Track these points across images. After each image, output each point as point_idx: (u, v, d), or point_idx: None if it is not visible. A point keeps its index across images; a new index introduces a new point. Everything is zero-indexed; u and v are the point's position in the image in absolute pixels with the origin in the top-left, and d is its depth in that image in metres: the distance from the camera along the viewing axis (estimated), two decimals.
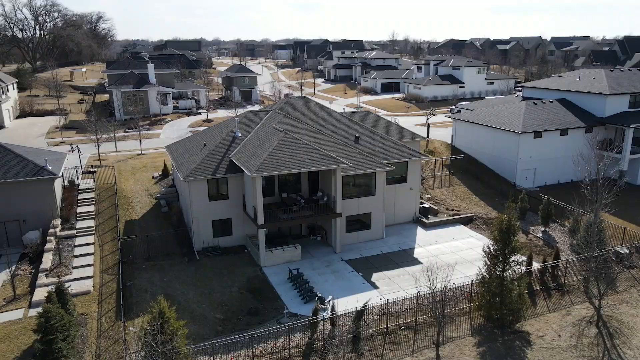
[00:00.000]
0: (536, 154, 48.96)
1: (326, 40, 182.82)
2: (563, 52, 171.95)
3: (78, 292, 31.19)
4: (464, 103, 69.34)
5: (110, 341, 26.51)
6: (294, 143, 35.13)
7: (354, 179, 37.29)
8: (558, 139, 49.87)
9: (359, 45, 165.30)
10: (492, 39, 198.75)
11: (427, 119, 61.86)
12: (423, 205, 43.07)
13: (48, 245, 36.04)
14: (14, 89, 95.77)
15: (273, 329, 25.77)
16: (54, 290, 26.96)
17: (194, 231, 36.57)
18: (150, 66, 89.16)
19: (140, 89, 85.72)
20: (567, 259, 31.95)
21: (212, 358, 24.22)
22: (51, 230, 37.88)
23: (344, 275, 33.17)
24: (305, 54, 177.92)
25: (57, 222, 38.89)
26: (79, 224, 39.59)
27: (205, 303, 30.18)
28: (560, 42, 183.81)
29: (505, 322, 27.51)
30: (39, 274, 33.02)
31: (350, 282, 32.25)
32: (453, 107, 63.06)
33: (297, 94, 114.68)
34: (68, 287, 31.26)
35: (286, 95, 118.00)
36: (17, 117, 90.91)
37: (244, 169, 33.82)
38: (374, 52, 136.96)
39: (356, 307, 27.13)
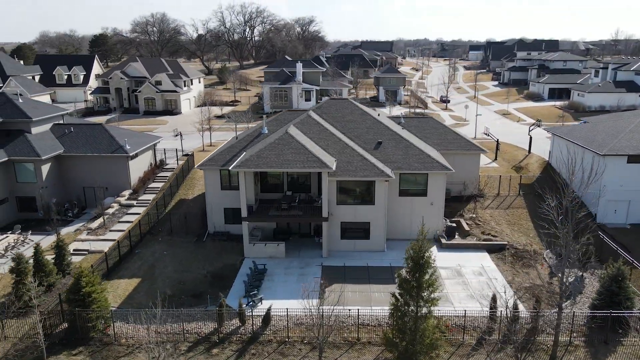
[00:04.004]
0: (631, 182, 38.80)
1: (519, 41, 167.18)
2: None
3: (95, 250, 37.69)
4: None
5: None
6: (288, 143, 35.58)
7: (350, 185, 35.85)
8: None
9: (551, 45, 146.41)
10: None
11: (530, 131, 53.49)
12: (451, 224, 38.58)
13: (108, 210, 43.94)
14: (199, 82, 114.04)
15: (174, 311, 27.41)
16: (54, 243, 33.80)
17: (208, 216, 40.09)
18: (299, 65, 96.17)
19: (285, 86, 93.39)
20: (537, 312, 25.45)
21: (116, 323, 27.33)
22: (118, 198, 45.92)
23: (305, 280, 32.45)
24: (490, 55, 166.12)
25: (126, 192, 46.81)
26: (143, 197, 46.86)
27: (171, 279, 33.41)
28: None
29: None
30: (84, 232, 40.82)
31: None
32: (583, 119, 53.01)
33: (459, 95, 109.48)
34: (89, 245, 38.43)
35: (441, 97, 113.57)
36: (198, 106, 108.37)
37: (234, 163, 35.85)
38: (557, 54, 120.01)
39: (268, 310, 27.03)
